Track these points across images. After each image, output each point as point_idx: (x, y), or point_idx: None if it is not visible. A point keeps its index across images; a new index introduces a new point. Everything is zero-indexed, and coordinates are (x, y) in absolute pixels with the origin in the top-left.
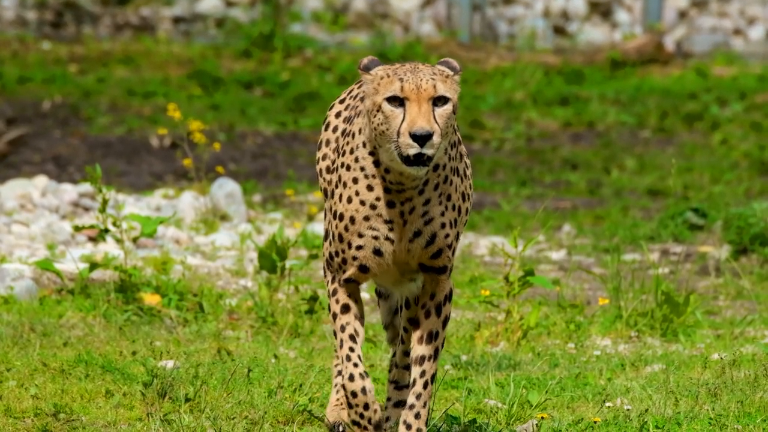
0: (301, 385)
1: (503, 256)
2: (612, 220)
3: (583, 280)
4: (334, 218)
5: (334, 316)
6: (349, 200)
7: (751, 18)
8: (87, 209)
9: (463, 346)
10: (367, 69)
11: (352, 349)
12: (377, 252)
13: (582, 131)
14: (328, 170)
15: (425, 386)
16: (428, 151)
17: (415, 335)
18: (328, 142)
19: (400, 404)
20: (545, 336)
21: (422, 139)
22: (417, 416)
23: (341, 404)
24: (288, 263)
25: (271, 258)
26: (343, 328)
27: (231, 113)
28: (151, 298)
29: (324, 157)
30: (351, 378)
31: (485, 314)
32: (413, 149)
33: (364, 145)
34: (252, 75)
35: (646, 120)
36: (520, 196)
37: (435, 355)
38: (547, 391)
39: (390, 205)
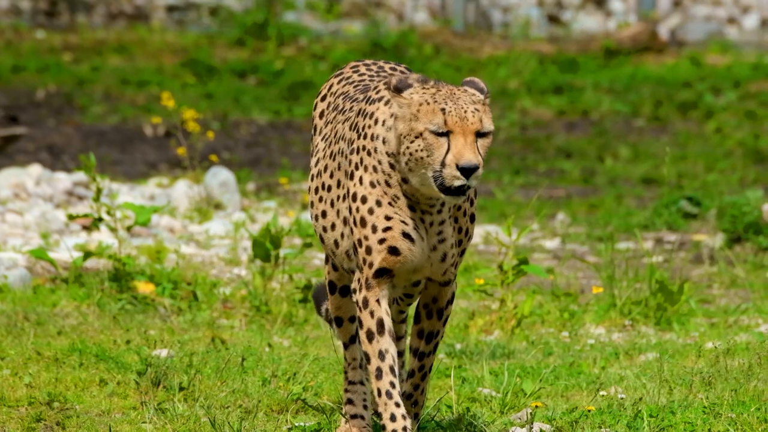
0: (295, 374)
1: (497, 244)
2: (606, 209)
3: (577, 269)
4: (354, 201)
5: (369, 335)
6: (373, 185)
7: (745, 6)
8: (81, 198)
9: (457, 335)
10: (398, 90)
11: (393, 385)
12: (406, 235)
13: (576, 120)
14: (318, 189)
15: (423, 378)
16: (472, 183)
17: (415, 329)
18: (316, 150)
19: (399, 354)
20: (539, 324)
21: (469, 171)
22: (414, 404)
23: None
24: (282, 252)
25: (265, 247)
26: (382, 356)
27: (225, 102)
28: (145, 287)
29: (316, 167)
30: (393, 418)
31: (479, 303)
32: (458, 181)
33: (384, 141)
34: (246, 64)
35: (641, 108)
36: (514, 184)
37: (434, 350)
38: (541, 380)
39: (411, 208)
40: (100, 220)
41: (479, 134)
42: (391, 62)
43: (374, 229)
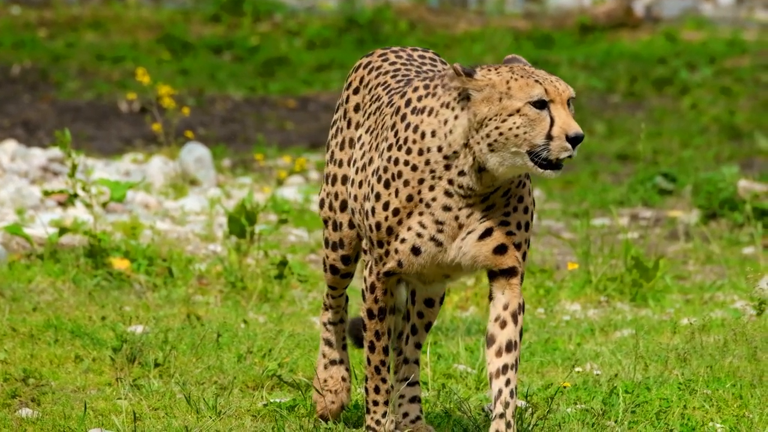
0: (270, 350)
1: None
2: (581, 185)
3: (552, 245)
4: (385, 209)
5: (370, 314)
6: (409, 198)
7: None
8: (56, 174)
9: None
10: (470, 75)
11: (383, 363)
12: (415, 250)
13: None
14: (361, 183)
15: (512, 395)
16: (575, 153)
17: (492, 350)
18: (360, 143)
19: (416, 400)
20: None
21: (577, 141)
22: (508, 425)
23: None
24: (257, 228)
25: (241, 223)
26: (378, 336)
27: (200, 78)
28: (120, 263)
29: (362, 160)
30: (377, 390)
31: None
32: (566, 152)
33: (440, 149)
34: (221, 40)
35: (616, 85)
36: None
37: (516, 364)
38: None
39: (446, 209)
40: (76, 196)
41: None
42: (419, 48)
43: (396, 237)
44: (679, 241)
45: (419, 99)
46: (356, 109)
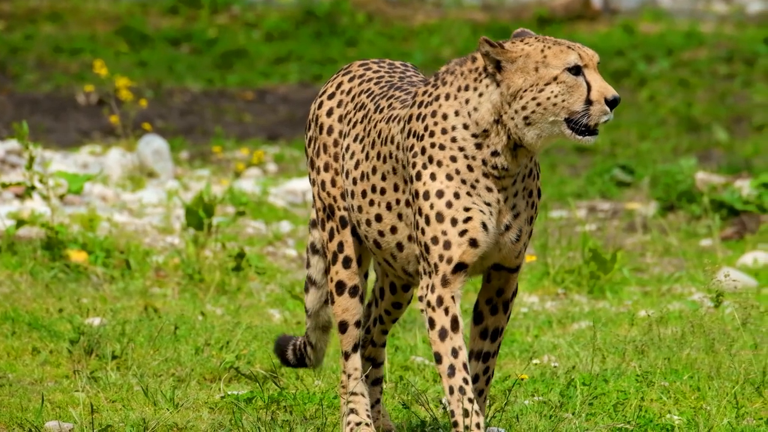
0: (228, 343)
1: None
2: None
3: None
4: (426, 198)
5: (443, 333)
6: (449, 177)
7: None
8: (14, 166)
9: None
10: (501, 45)
11: (466, 381)
12: (484, 226)
13: None
14: (365, 192)
15: (488, 382)
16: (612, 116)
17: (477, 329)
18: (326, 148)
19: (378, 382)
20: (472, 293)
21: (615, 104)
22: (477, 413)
23: None
24: (215, 220)
25: (198, 215)
26: (455, 353)
27: (158, 70)
28: (77, 256)
29: (327, 167)
30: (466, 414)
31: None
32: (606, 116)
33: (466, 126)
34: (179, 32)
35: None
36: None
37: (497, 351)
38: None
39: (488, 190)
40: (33, 188)
41: None
42: (396, 61)
43: (454, 222)
44: (636, 233)
45: (429, 94)
46: (329, 113)
